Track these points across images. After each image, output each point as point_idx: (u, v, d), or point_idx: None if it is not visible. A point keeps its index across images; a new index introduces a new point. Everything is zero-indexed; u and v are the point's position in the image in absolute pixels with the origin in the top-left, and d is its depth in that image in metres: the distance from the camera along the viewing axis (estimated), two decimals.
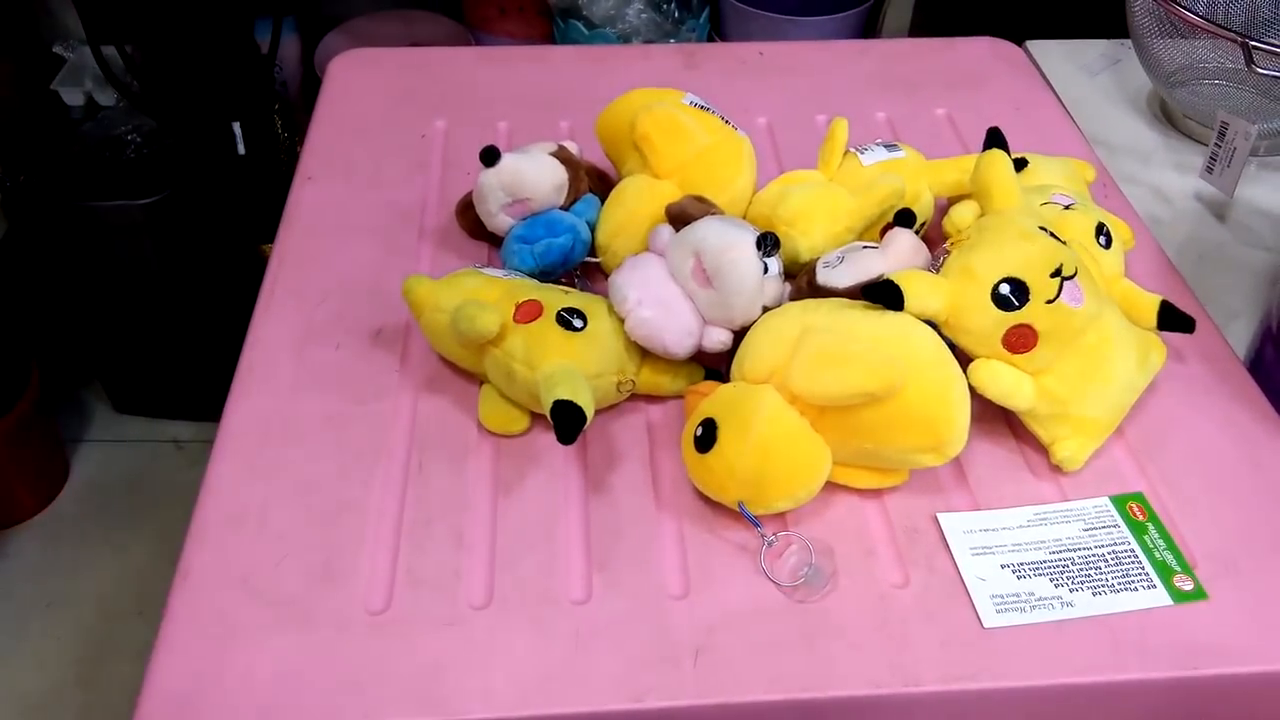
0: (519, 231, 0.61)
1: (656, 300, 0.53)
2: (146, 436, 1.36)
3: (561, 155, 0.63)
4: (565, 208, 0.62)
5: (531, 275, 0.59)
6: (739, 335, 0.53)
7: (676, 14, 1.61)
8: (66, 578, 1.20)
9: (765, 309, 0.54)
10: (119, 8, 1.18)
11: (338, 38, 1.61)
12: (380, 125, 0.75)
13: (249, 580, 0.47)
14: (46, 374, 1.26)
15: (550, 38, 1.61)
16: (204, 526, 0.49)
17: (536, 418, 0.54)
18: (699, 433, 0.49)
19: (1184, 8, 0.78)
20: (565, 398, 0.48)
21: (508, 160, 0.60)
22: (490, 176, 0.60)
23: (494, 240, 0.65)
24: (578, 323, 0.52)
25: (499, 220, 0.61)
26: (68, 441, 1.34)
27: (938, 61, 0.85)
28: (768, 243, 0.52)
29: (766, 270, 0.53)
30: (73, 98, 1.38)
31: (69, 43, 1.43)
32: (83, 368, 1.39)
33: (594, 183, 0.64)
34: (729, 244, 0.52)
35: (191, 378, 1.32)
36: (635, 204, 0.60)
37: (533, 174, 0.60)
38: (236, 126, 1.19)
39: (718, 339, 0.54)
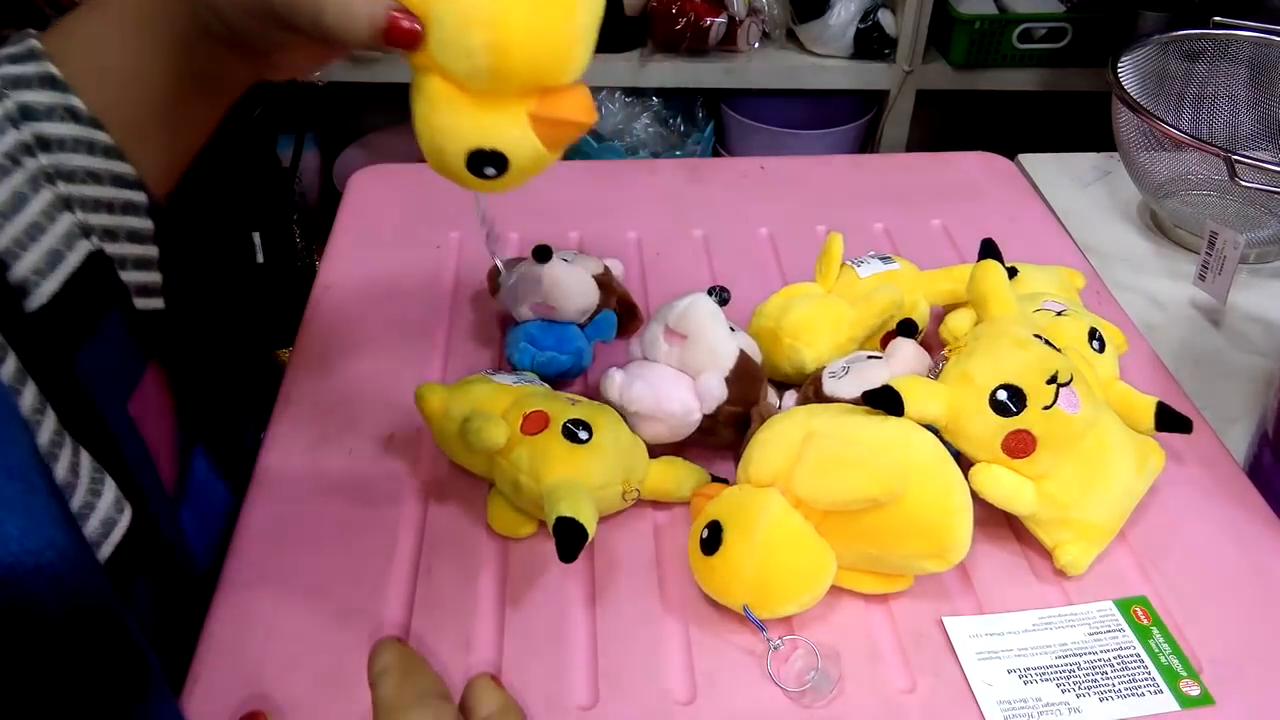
0: (531, 330, 0.63)
1: (642, 376, 0.57)
2: None
3: (602, 278, 0.65)
4: (584, 326, 0.64)
5: (528, 370, 0.61)
6: (742, 423, 0.55)
7: (682, 128, 1.67)
8: None
9: (741, 351, 0.57)
10: None
11: (355, 152, 1.67)
12: (397, 237, 0.78)
13: (258, 684, 0.47)
14: None
15: None
16: (215, 628, 0.50)
17: (544, 523, 0.55)
18: (705, 535, 0.50)
19: (1168, 124, 0.81)
20: (567, 514, 0.48)
21: (552, 267, 0.63)
22: (532, 272, 0.63)
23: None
24: (583, 435, 0.53)
25: (521, 310, 0.64)
26: None
27: (933, 175, 0.89)
28: (717, 291, 0.59)
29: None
30: None
31: None
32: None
33: (622, 311, 0.67)
34: (687, 300, 0.58)
35: None
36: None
37: (566, 289, 0.63)
38: (256, 236, 1.22)
39: (711, 387, 0.56)
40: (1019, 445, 0.51)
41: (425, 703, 0.32)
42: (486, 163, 0.41)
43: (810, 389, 0.58)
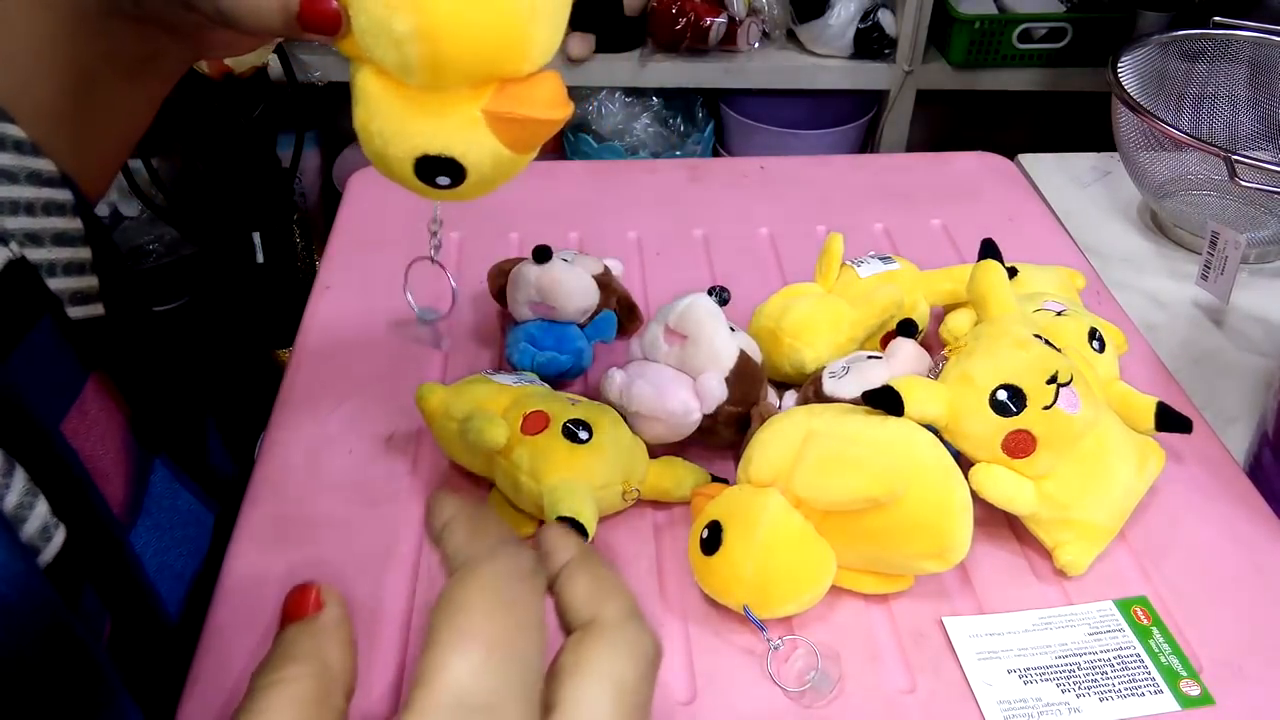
0: (532, 330, 0.63)
1: (643, 375, 0.57)
2: None
3: (602, 278, 0.65)
4: (584, 325, 0.64)
5: (528, 370, 0.61)
6: (742, 423, 0.55)
7: (682, 128, 1.67)
8: None
9: (741, 351, 0.57)
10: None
11: (355, 152, 1.67)
12: (396, 237, 0.78)
13: None
14: None
15: (561, 150, 1.67)
16: (215, 628, 0.50)
17: (544, 522, 0.55)
18: (705, 535, 0.50)
19: (1168, 124, 0.81)
20: (567, 514, 0.49)
21: (552, 266, 0.63)
22: (531, 272, 0.63)
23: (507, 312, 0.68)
24: (583, 434, 0.53)
25: (521, 310, 0.65)
26: None
27: (933, 175, 0.89)
28: (717, 291, 0.58)
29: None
30: (98, 209, 1.43)
31: None
32: None
33: (622, 311, 0.67)
34: (687, 300, 0.58)
35: None
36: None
37: (566, 290, 0.63)
38: (256, 236, 1.23)
39: (711, 387, 0.56)
40: (1019, 445, 0.51)
41: (503, 550, 0.29)
42: (438, 170, 0.35)
43: (810, 389, 0.58)
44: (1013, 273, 0.65)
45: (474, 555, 0.28)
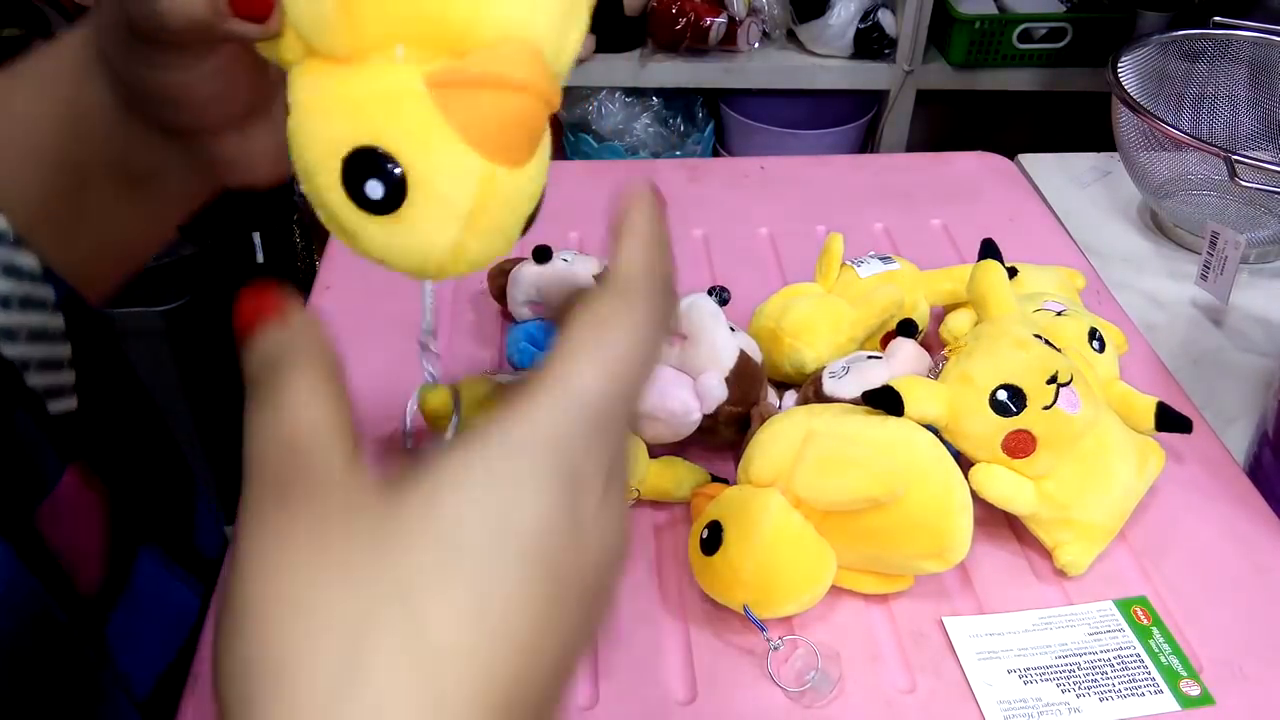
0: (531, 330, 0.63)
1: None
2: None
3: (601, 277, 0.65)
4: None
5: (528, 370, 0.61)
6: (742, 423, 0.55)
7: (682, 128, 1.67)
8: None
9: (741, 351, 0.57)
10: None
11: None
12: None
13: None
14: None
15: (561, 150, 1.67)
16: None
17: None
18: (705, 535, 0.50)
19: (1168, 124, 0.81)
20: None
21: (551, 267, 0.63)
22: (529, 272, 0.63)
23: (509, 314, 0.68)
24: None
25: (521, 310, 0.65)
26: None
27: (933, 175, 0.89)
28: (717, 291, 0.59)
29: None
30: None
31: None
32: None
33: None
34: (687, 300, 0.58)
35: (207, 482, 1.33)
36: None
37: (566, 290, 0.63)
38: (256, 236, 1.23)
39: (711, 387, 0.56)
40: (1019, 445, 0.51)
41: (665, 296, 0.26)
42: (369, 172, 0.25)
43: (810, 389, 0.58)
44: (1013, 273, 0.65)
45: (640, 284, 0.26)
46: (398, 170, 0.25)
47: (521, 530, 0.22)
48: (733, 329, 0.58)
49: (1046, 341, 0.54)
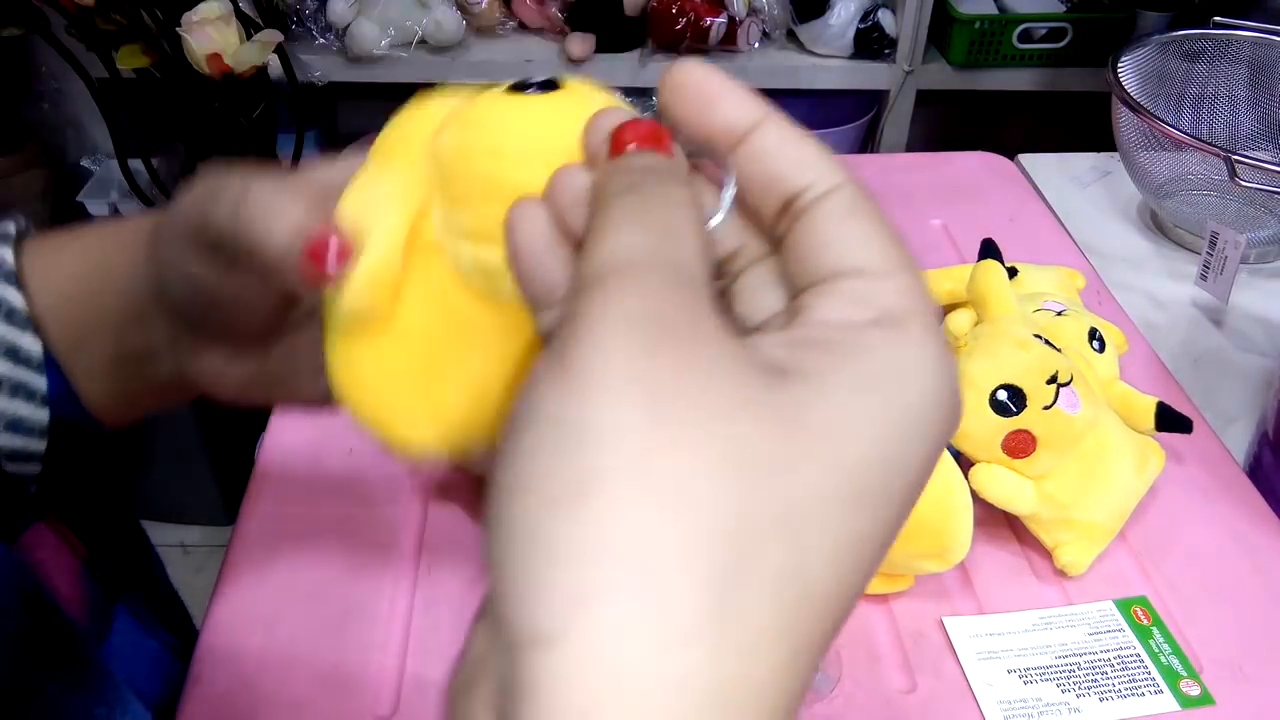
0: None
1: None
2: (153, 541, 1.37)
3: None
4: None
5: None
6: None
7: None
8: None
9: None
10: (147, 124, 1.24)
11: (356, 151, 1.67)
12: None
13: (257, 686, 0.47)
14: None
15: None
16: (215, 629, 0.50)
17: None
18: None
19: (1168, 124, 0.81)
20: None
21: None
22: None
23: None
24: None
25: None
26: None
27: (933, 174, 0.89)
28: None
29: None
30: (98, 209, 1.43)
31: (96, 156, 1.48)
32: None
33: None
34: None
35: (199, 483, 1.33)
36: None
37: None
38: None
39: None
40: (1019, 445, 0.51)
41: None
42: None
43: None
44: (1013, 273, 0.65)
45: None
46: None
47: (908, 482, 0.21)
48: None
49: (1046, 341, 0.54)
